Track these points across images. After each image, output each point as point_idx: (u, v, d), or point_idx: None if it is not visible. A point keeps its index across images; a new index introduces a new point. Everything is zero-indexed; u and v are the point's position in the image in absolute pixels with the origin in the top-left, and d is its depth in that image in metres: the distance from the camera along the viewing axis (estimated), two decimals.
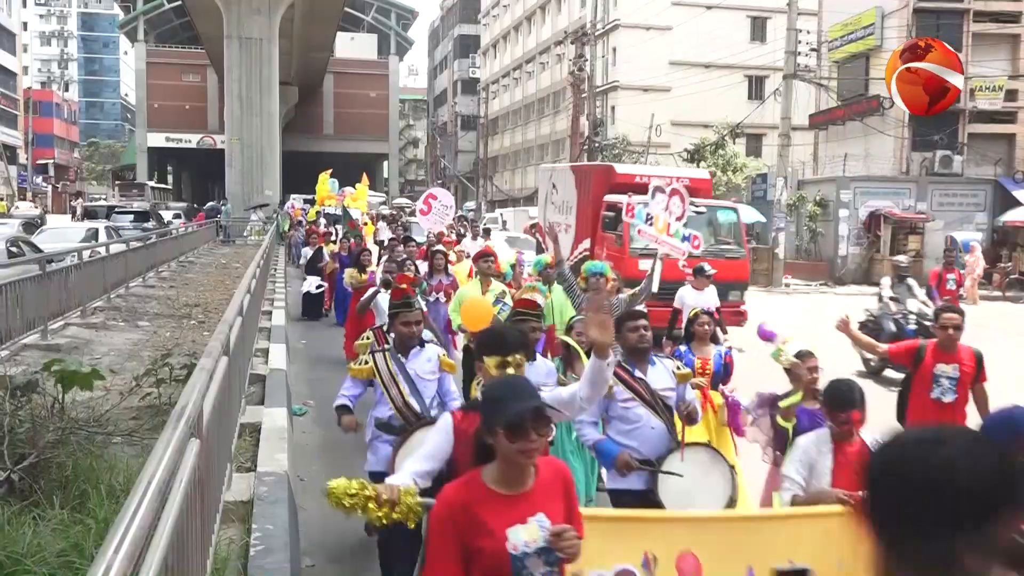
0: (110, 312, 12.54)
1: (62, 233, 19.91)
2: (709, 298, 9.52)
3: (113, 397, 6.63)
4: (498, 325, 4.80)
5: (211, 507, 3.94)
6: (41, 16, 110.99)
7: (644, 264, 10.71)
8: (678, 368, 4.72)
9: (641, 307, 6.28)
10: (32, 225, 22.13)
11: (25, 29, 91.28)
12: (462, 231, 20.80)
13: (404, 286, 5.68)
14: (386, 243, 14.37)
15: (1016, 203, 26.24)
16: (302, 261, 17.29)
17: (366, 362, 4.66)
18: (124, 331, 11.16)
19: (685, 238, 8.18)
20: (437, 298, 9.04)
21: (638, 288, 7.57)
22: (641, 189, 12.00)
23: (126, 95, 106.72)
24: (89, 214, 31.65)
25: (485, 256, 8.23)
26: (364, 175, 22.47)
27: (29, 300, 9.65)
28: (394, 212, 36.01)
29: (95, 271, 12.87)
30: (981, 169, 28.05)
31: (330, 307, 15.35)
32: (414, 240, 13.17)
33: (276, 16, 38.66)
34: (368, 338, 5.64)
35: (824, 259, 27.28)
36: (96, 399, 6.26)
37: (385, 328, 5.55)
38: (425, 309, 6.96)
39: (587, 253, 13.54)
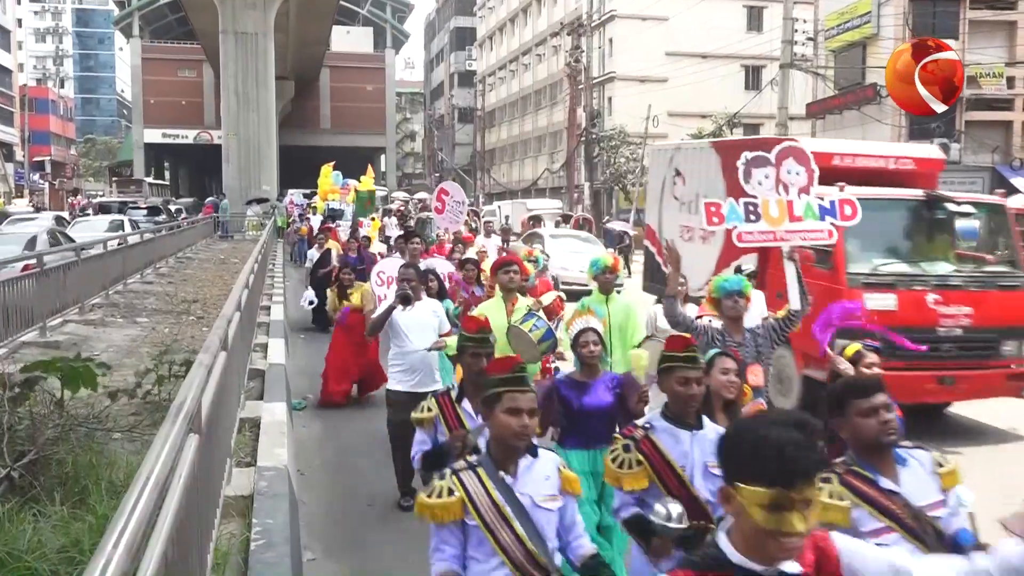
0: (108, 309, 12.54)
1: (91, 225, 22.73)
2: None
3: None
4: (760, 417, 2.14)
5: (211, 502, 3.95)
6: (35, 13, 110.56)
7: (874, 299, 7.68)
8: (940, 465, 2.83)
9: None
10: (63, 219, 24.82)
11: (20, 26, 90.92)
12: (474, 225, 20.05)
13: (480, 331, 4.12)
14: (394, 242, 12.63)
15: (1014, 190, 26.23)
16: (308, 264, 14.85)
17: (450, 491, 2.77)
18: (123, 327, 11.16)
19: (825, 210, 5.40)
20: None
21: (786, 312, 5.24)
22: (844, 175, 7.76)
23: (122, 91, 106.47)
24: (104, 209, 33.57)
25: (506, 266, 6.45)
26: (369, 167, 21.93)
27: (28, 297, 9.65)
28: (403, 207, 34.89)
29: (93, 268, 12.86)
30: (978, 157, 28.04)
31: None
32: (419, 237, 12.27)
33: (271, 10, 38.54)
34: (429, 409, 3.97)
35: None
36: (95, 396, 6.26)
37: (454, 394, 4.01)
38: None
39: (750, 273, 8.91)
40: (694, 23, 40.73)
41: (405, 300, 6.17)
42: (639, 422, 3.41)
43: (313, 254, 14.66)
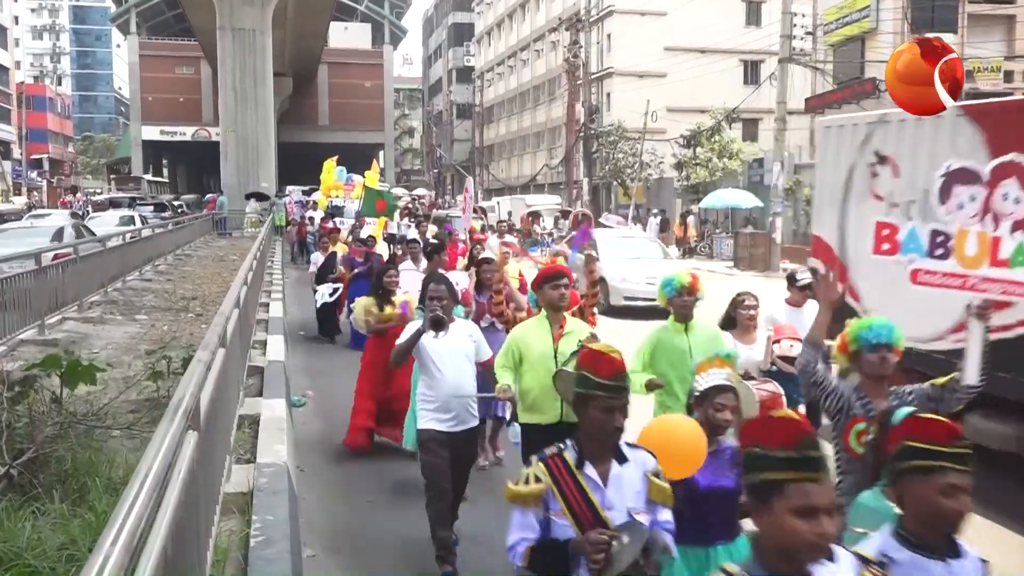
0: (107, 306, 12.53)
1: (103, 220, 23.77)
2: (810, 319, 5.79)
3: (111, 391, 6.63)
4: None
5: (211, 499, 3.94)
6: (32, 10, 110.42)
7: None
8: None
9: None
10: (78, 215, 26.33)
11: (16, 23, 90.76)
12: (481, 219, 19.48)
13: (616, 376, 2.84)
14: (407, 243, 11.57)
15: None
16: (312, 268, 13.48)
17: None
18: (122, 325, 11.15)
19: None
20: (492, 322, 6.68)
21: (954, 378, 3.69)
22: None
23: (119, 88, 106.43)
24: (114, 204, 35.53)
25: (555, 278, 4.96)
26: (375, 161, 21.47)
27: (26, 295, 9.64)
28: (410, 204, 33.91)
29: (92, 265, 12.84)
30: None
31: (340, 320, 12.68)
32: (415, 242, 11.17)
33: (269, 6, 38.49)
34: (537, 479, 2.81)
35: None
36: (94, 393, 6.25)
37: (571, 457, 2.82)
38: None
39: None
40: (692, 18, 40.67)
41: (437, 324, 5.03)
42: (870, 553, 2.24)
43: (317, 258, 13.42)
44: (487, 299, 6.74)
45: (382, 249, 14.63)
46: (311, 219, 25.44)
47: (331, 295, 12.31)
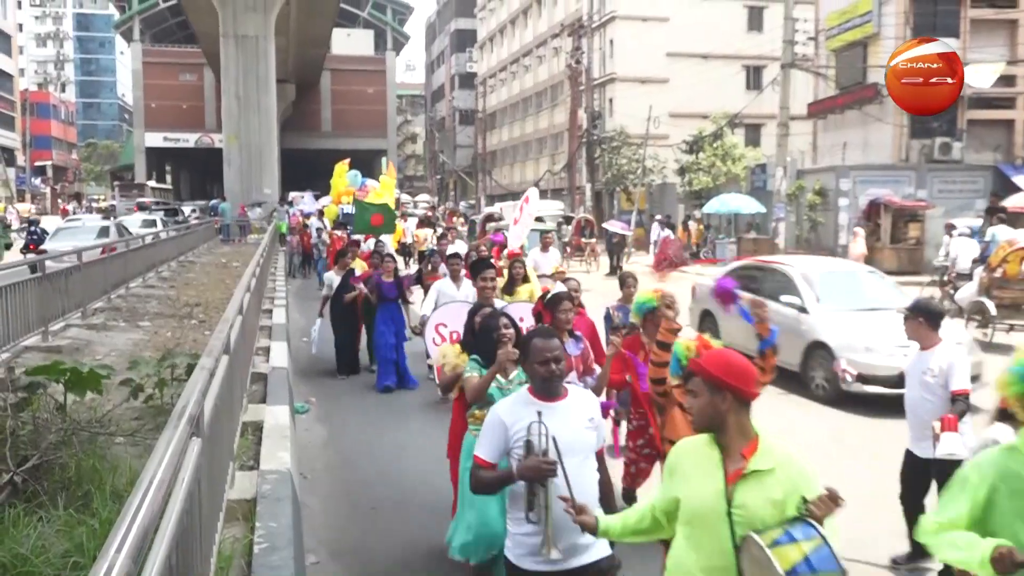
0: (111, 312, 12.53)
1: (128, 222, 25.24)
2: (947, 356, 4.91)
3: (115, 397, 6.63)
4: None
5: (214, 505, 3.94)
6: (36, 17, 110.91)
7: None
8: None
9: None
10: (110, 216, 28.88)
11: (20, 30, 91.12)
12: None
13: None
14: (448, 258, 9.65)
15: (1016, 188, 26.20)
16: (325, 291, 11.36)
17: None
18: (125, 331, 11.16)
19: None
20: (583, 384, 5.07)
21: None
22: None
23: (123, 95, 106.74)
24: (142, 208, 37.97)
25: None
26: (390, 163, 20.85)
27: (29, 302, 9.65)
28: (430, 213, 33.18)
29: (95, 272, 12.85)
30: (980, 155, 27.99)
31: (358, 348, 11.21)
32: (457, 256, 9.53)
33: (272, 13, 38.61)
34: None
35: (824, 248, 27.23)
36: (98, 400, 6.26)
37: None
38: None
39: None
40: (695, 23, 40.74)
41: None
42: None
43: (332, 277, 11.32)
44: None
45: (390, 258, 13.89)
46: (306, 226, 24.99)
47: (313, 335, 10.97)
